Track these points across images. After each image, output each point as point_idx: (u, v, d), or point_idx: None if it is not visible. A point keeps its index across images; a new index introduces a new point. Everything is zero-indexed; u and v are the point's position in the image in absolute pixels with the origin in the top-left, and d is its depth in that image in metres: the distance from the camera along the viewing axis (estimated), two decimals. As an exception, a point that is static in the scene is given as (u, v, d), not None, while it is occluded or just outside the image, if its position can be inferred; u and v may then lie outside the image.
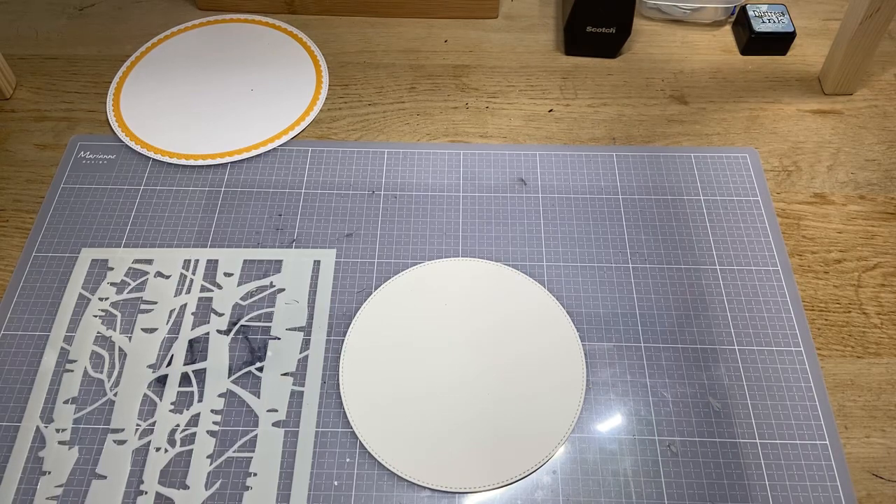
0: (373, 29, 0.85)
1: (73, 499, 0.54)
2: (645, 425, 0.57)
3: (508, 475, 0.55)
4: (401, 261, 0.66)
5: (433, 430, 0.57)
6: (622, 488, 0.55)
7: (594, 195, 0.70)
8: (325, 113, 0.77)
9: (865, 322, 0.61)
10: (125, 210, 0.69)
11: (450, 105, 0.78)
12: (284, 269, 0.65)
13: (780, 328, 0.62)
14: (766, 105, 0.77)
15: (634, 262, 0.65)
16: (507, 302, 0.63)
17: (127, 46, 0.83)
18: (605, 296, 0.64)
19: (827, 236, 0.67)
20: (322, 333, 0.62)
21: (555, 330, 0.62)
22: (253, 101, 0.77)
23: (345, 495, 0.54)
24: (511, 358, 0.60)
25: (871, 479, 0.55)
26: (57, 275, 0.65)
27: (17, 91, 0.80)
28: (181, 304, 0.64)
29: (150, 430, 0.57)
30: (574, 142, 0.74)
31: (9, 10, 0.88)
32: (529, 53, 0.83)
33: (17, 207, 0.70)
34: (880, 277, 0.64)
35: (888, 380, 0.60)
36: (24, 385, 0.59)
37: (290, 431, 0.57)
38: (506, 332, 0.61)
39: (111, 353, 0.61)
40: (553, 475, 0.55)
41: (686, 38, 0.84)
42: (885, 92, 0.77)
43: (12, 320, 0.63)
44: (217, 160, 0.72)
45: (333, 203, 0.70)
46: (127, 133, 0.75)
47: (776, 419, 0.57)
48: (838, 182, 0.70)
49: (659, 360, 0.60)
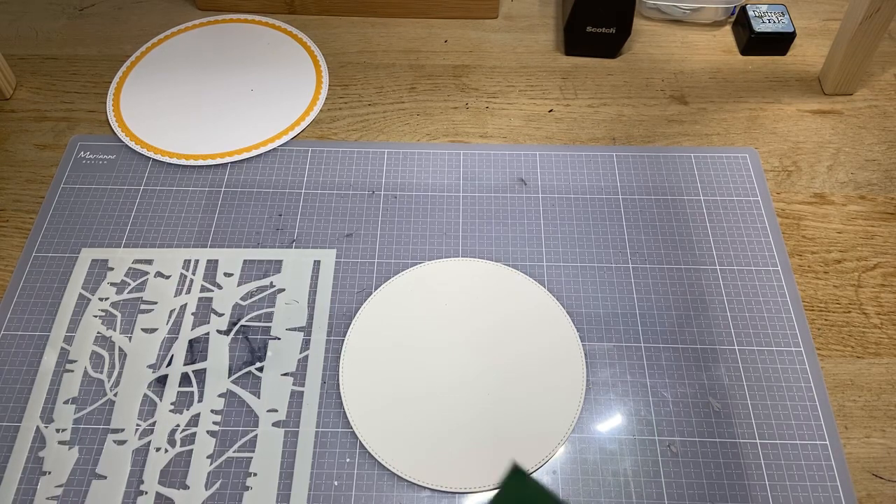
0: (373, 29, 0.85)
1: (73, 499, 0.54)
2: (645, 425, 0.57)
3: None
4: (401, 261, 0.66)
5: (433, 430, 0.57)
6: (622, 488, 0.55)
7: (594, 195, 0.70)
8: (325, 113, 0.77)
9: (865, 322, 0.61)
10: (125, 210, 0.69)
11: (450, 105, 0.78)
12: (284, 269, 0.65)
13: (780, 328, 0.62)
14: (766, 105, 0.77)
15: (634, 262, 0.65)
16: (507, 302, 0.63)
17: (127, 46, 0.83)
18: (605, 296, 0.64)
19: (827, 236, 0.67)
20: (322, 333, 0.62)
21: (555, 330, 0.62)
22: (253, 101, 0.77)
23: (345, 495, 0.54)
24: (511, 358, 0.60)
25: (871, 479, 0.55)
26: (57, 275, 0.65)
27: (17, 91, 0.80)
28: (181, 304, 0.64)
29: (150, 430, 0.57)
30: (574, 142, 0.74)
31: (9, 10, 0.88)
32: (529, 53, 0.83)
33: (17, 207, 0.70)
34: (880, 277, 0.64)
35: (888, 380, 0.60)
36: (24, 385, 0.59)
37: (290, 431, 0.57)
38: (506, 332, 0.61)
39: (111, 353, 0.61)
40: (553, 475, 0.55)
41: (686, 39, 0.84)
42: (885, 92, 0.77)
43: (12, 320, 0.63)
44: (217, 160, 0.72)
45: (333, 203, 0.70)
46: (127, 133, 0.75)
47: (776, 419, 0.57)
48: (838, 182, 0.70)
49: (659, 360, 0.60)
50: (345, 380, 0.59)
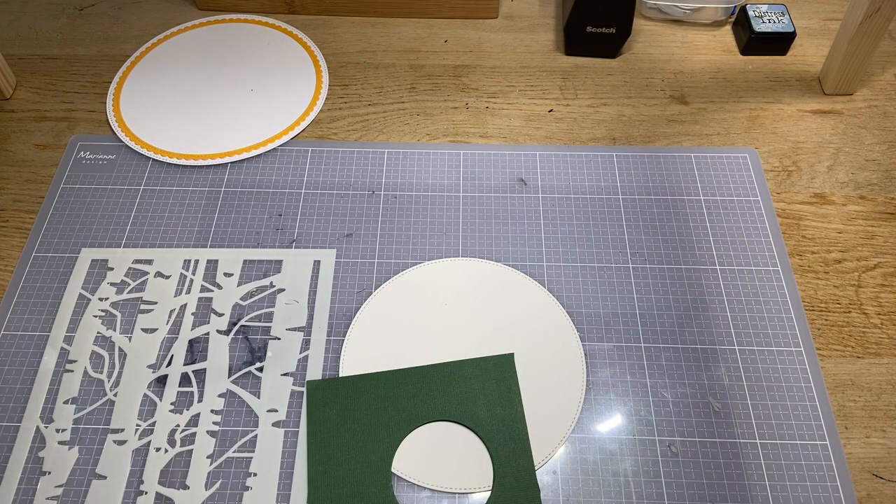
0: (373, 29, 0.85)
1: (73, 499, 0.54)
2: (645, 425, 0.57)
3: (508, 475, 0.55)
4: (401, 261, 0.66)
5: (433, 430, 0.57)
6: (622, 488, 0.55)
7: (594, 195, 0.70)
8: (324, 113, 0.77)
9: (865, 322, 0.61)
10: (125, 210, 0.69)
11: (450, 105, 0.78)
12: (284, 269, 0.65)
13: (780, 328, 0.62)
14: (766, 105, 0.77)
15: (634, 262, 0.65)
16: (506, 302, 0.63)
17: (127, 46, 0.84)
18: (605, 296, 0.64)
19: (827, 236, 0.67)
20: (322, 333, 0.62)
21: (555, 330, 0.62)
22: (253, 101, 0.77)
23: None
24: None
25: (871, 479, 0.55)
26: (57, 275, 0.65)
27: (17, 91, 0.80)
28: (181, 304, 0.64)
29: (150, 430, 0.57)
30: (574, 142, 0.74)
31: (9, 10, 0.88)
32: (529, 53, 0.83)
33: (16, 207, 0.70)
34: (880, 277, 0.64)
35: (888, 380, 0.60)
36: (24, 385, 0.59)
37: (290, 431, 0.57)
38: (506, 332, 0.61)
39: (111, 353, 0.61)
40: (553, 475, 0.55)
41: (686, 38, 0.84)
42: (885, 92, 0.77)
43: (12, 320, 0.63)
44: (217, 160, 0.72)
45: (333, 203, 0.70)
46: (127, 133, 0.75)
47: (776, 419, 0.57)
48: (838, 182, 0.70)
49: (659, 360, 0.60)
50: (345, 380, 0.59)
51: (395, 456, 0.56)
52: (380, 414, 0.55)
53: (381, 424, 0.55)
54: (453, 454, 0.56)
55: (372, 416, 0.55)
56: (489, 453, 0.54)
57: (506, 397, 0.56)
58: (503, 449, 0.54)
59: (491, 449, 0.54)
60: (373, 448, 0.53)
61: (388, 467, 0.53)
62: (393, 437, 0.54)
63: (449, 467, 0.55)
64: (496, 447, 0.54)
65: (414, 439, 0.56)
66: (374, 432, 0.54)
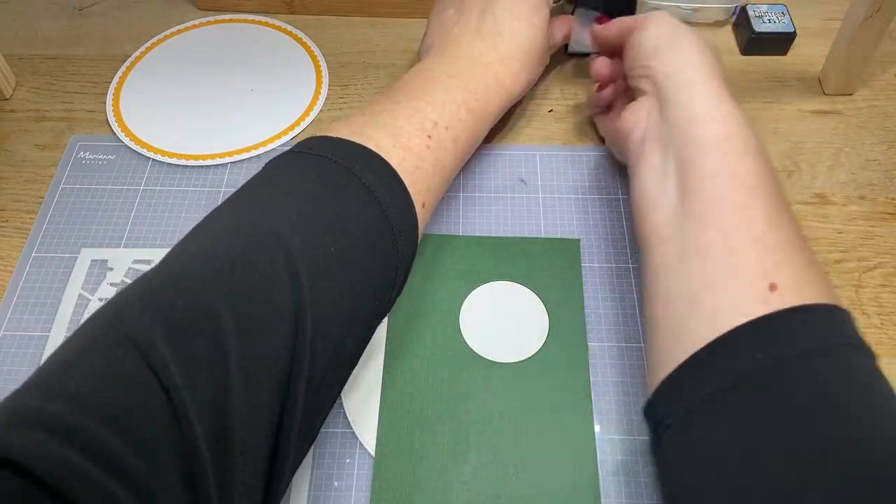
0: (373, 29, 0.85)
1: (73, 499, 0.54)
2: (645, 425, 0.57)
3: (508, 475, 0.55)
4: (401, 261, 0.66)
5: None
6: (622, 488, 0.54)
7: (594, 195, 0.70)
8: (325, 113, 0.77)
9: (866, 322, 0.61)
10: (125, 210, 0.69)
11: (450, 105, 0.78)
12: (284, 270, 0.65)
13: (780, 328, 0.62)
14: (766, 105, 0.77)
15: (634, 262, 0.65)
16: (507, 302, 0.63)
17: (127, 46, 0.83)
18: (606, 296, 0.63)
19: (827, 237, 0.67)
20: (322, 333, 0.62)
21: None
22: (253, 102, 0.77)
23: (345, 495, 0.54)
24: (510, 357, 0.60)
25: (871, 479, 0.55)
26: (57, 275, 0.65)
27: (17, 91, 0.80)
28: (181, 304, 0.63)
29: (150, 430, 0.57)
30: (574, 142, 0.74)
31: (9, 10, 0.88)
32: (529, 53, 0.83)
33: (16, 207, 0.70)
34: (881, 278, 0.64)
35: (888, 380, 0.59)
36: (23, 385, 0.59)
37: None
38: (505, 332, 0.61)
39: (111, 353, 0.61)
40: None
41: (686, 38, 0.84)
42: (885, 92, 0.77)
43: (12, 320, 0.63)
44: (217, 160, 0.72)
45: (333, 203, 0.70)
46: (127, 133, 0.75)
47: (776, 419, 0.57)
48: (839, 182, 0.70)
49: (659, 361, 0.60)
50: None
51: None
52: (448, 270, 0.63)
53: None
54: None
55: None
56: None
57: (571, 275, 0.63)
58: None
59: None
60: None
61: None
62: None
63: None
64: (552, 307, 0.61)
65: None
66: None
